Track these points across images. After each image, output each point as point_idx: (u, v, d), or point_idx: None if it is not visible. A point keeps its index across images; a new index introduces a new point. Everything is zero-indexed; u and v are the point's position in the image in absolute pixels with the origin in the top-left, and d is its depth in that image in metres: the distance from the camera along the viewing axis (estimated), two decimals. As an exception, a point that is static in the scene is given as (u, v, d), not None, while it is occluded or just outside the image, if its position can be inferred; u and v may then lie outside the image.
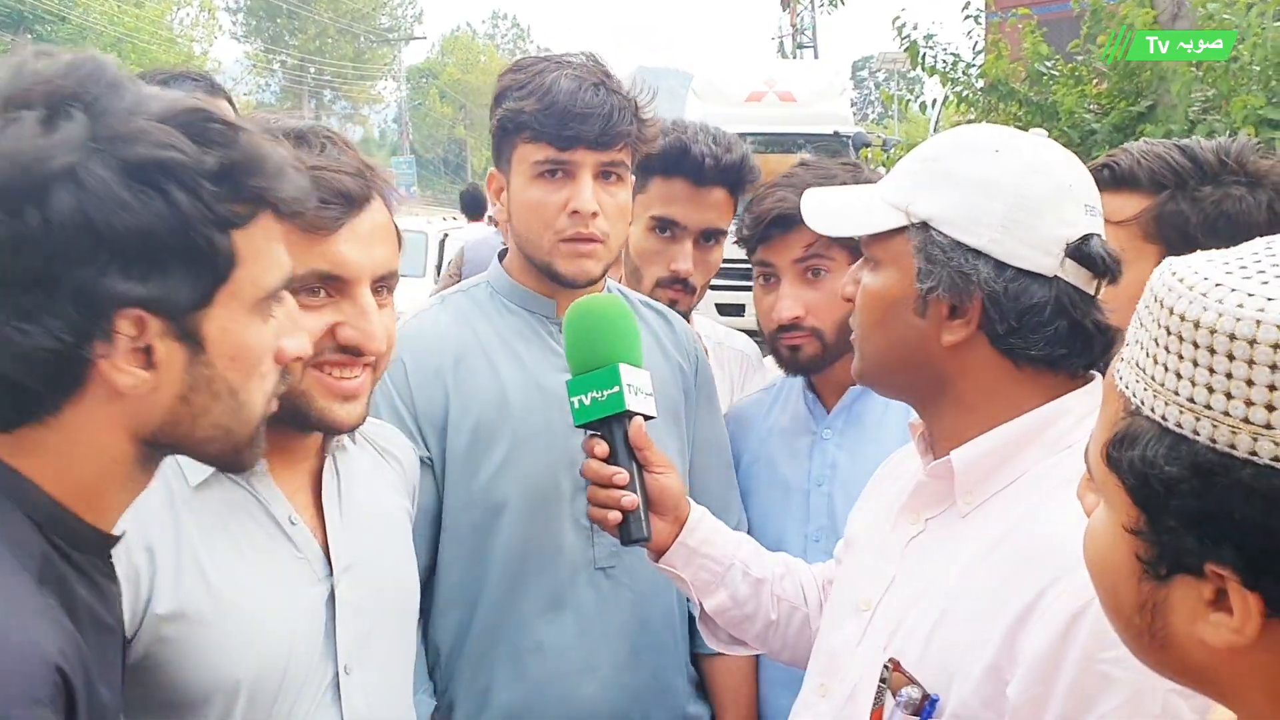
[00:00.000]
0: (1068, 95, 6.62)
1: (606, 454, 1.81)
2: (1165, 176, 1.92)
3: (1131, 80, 6.62)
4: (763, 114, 11.11)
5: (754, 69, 12.79)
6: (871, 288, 1.55)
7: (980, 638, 1.37)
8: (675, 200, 2.50)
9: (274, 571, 1.56)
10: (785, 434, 2.35)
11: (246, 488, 1.56)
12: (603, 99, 2.02)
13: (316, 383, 1.55)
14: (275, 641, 1.52)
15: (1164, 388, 0.83)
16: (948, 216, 1.46)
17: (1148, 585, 0.87)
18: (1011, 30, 7.50)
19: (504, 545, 2.06)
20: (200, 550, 1.50)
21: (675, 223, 2.51)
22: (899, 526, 1.59)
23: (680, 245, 2.53)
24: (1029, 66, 7.11)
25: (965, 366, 1.49)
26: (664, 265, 2.53)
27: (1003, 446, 1.47)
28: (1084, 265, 1.44)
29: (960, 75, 7.50)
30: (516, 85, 2.06)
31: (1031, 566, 1.35)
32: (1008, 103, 7.11)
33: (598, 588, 2.11)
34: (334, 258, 1.52)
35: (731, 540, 1.89)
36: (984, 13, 8.15)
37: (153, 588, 1.46)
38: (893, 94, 9.31)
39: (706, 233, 2.55)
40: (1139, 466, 0.84)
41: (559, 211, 2.04)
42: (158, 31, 35.85)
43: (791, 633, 1.88)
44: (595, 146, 2.03)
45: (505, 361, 2.11)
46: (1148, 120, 6.36)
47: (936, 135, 1.62)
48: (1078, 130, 6.50)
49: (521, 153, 2.06)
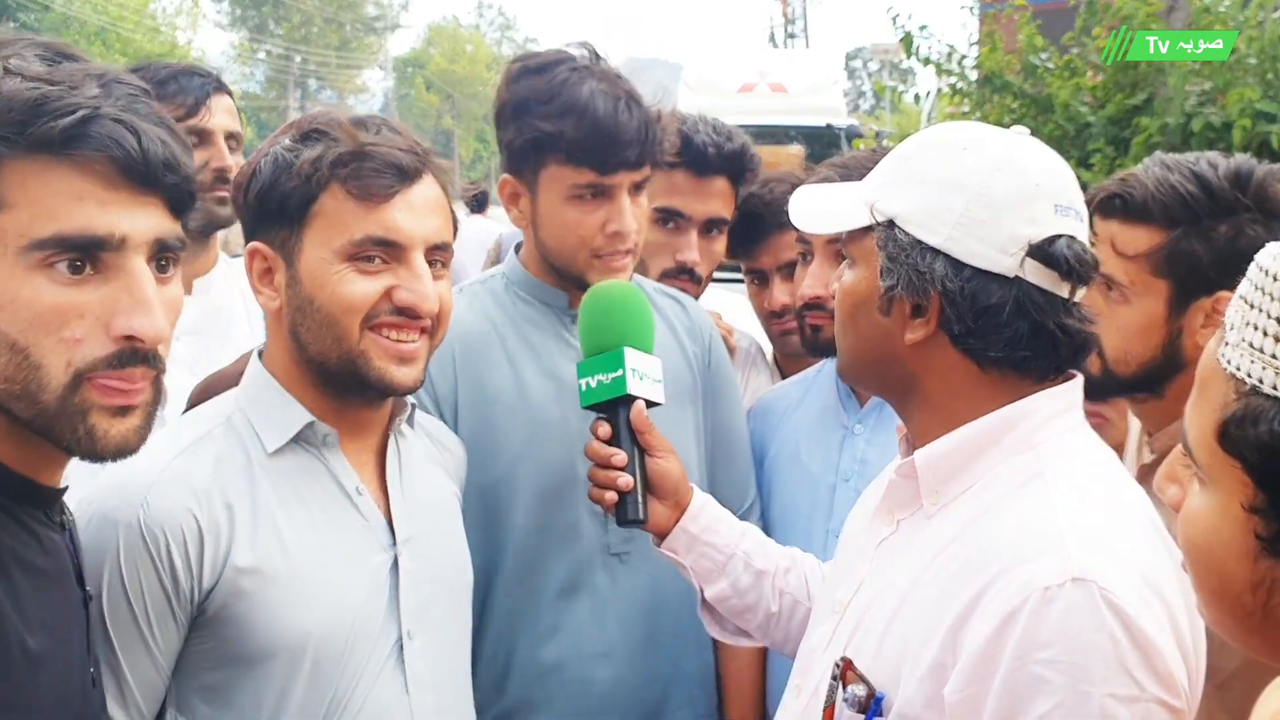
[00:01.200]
0: (1063, 88, 6.58)
1: (609, 435, 1.87)
2: (1178, 212, 1.88)
3: (1128, 73, 6.58)
4: (755, 105, 11.06)
5: (746, 60, 12.74)
6: (845, 285, 1.57)
7: (926, 636, 1.37)
8: (679, 191, 2.51)
9: (342, 537, 1.67)
10: (814, 426, 2.35)
11: (318, 457, 1.68)
12: (637, 119, 2.03)
13: (374, 344, 1.63)
14: (343, 603, 1.63)
15: None
16: (910, 214, 1.46)
17: (1265, 563, 0.89)
18: (1007, 22, 7.46)
19: (521, 530, 2.09)
20: (276, 511, 1.62)
21: (680, 213, 2.53)
22: (874, 527, 1.60)
23: (685, 236, 2.55)
24: (1024, 59, 7.07)
25: (930, 366, 1.49)
26: (669, 256, 2.55)
27: (964, 446, 1.46)
28: (1048, 266, 1.41)
29: (954, 67, 7.46)
30: (541, 98, 2.03)
31: (977, 565, 1.36)
32: (1002, 95, 7.06)
33: (612, 572, 2.14)
34: (388, 224, 1.62)
35: (735, 530, 1.91)
36: (979, 4, 8.10)
37: (232, 540, 1.57)
38: (885, 85, 9.24)
39: (710, 222, 2.57)
40: (1267, 443, 0.86)
41: (597, 231, 2.05)
42: (141, 20, 35.62)
43: (794, 626, 1.89)
44: (632, 169, 2.05)
45: (521, 351, 2.14)
46: (1144, 113, 6.33)
47: (914, 134, 1.62)
48: (1073, 123, 6.47)
49: (555, 173, 2.05)
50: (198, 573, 1.55)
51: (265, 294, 1.68)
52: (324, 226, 1.61)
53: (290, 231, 1.63)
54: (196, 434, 1.65)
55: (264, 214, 1.65)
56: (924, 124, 10.40)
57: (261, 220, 1.66)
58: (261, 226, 1.67)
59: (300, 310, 1.64)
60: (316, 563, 1.62)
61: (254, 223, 1.68)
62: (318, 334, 1.63)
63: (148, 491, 1.55)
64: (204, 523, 1.56)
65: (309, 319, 1.63)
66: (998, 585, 1.31)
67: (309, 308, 1.63)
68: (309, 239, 1.62)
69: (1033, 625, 1.27)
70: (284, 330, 1.68)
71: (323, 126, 1.65)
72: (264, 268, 1.67)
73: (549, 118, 2.01)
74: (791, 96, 11.40)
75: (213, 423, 1.67)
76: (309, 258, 1.62)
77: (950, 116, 8.18)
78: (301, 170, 1.61)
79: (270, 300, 1.67)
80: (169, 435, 1.65)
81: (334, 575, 1.63)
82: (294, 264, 1.63)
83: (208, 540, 1.56)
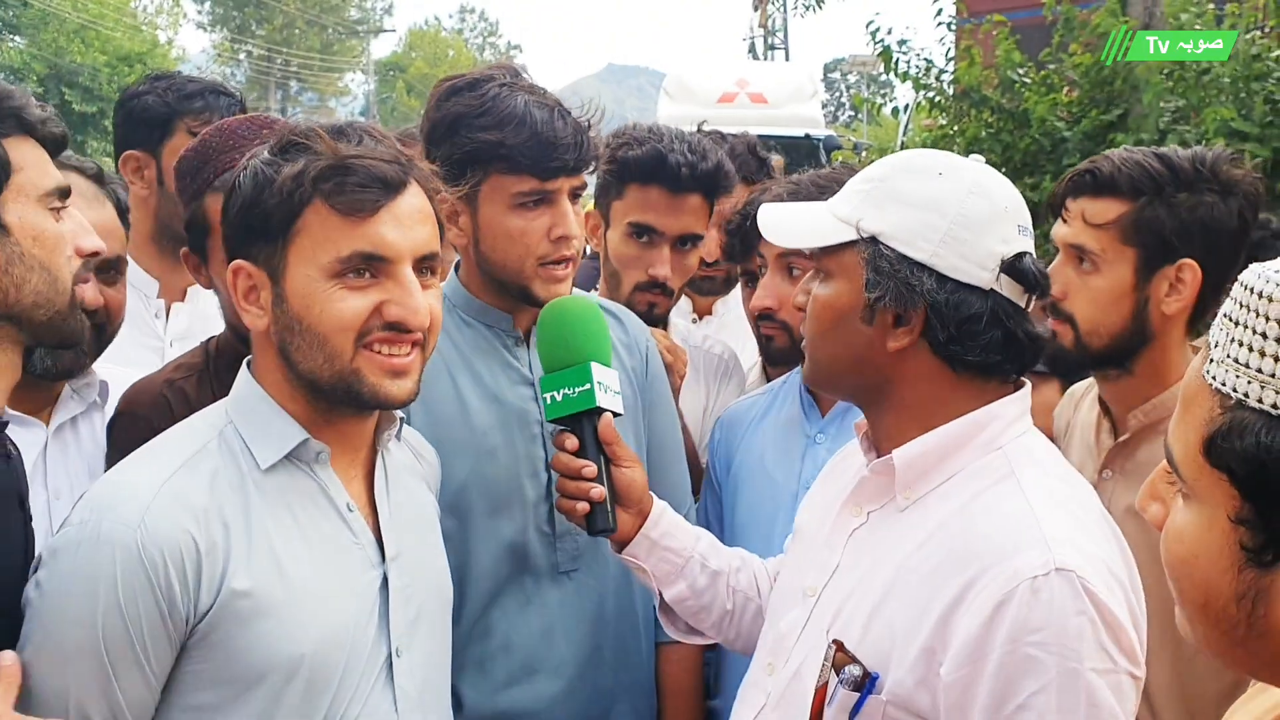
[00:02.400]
0: (1039, 103, 6.63)
1: (576, 448, 1.90)
2: (1144, 183, 2.05)
3: (1103, 89, 6.65)
4: (734, 115, 11.06)
5: (726, 70, 12.76)
6: (822, 297, 1.67)
7: (915, 622, 1.50)
8: (652, 207, 2.55)
9: (335, 555, 1.64)
10: (779, 436, 2.42)
11: (310, 473, 1.66)
12: (571, 125, 2.08)
13: (367, 361, 1.61)
14: (338, 622, 1.60)
15: (1274, 378, 0.88)
16: (895, 232, 1.58)
17: (1250, 574, 0.92)
18: (985, 37, 7.51)
19: (472, 554, 2.11)
20: (271, 531, 1.59)
21: (653, 229, 2.57)
22: (842, 518, 1.71)
23: (658, 250, 2.58)
24: (1001, 73, 7.12)
25: (907, 371, 1.62)
26: (642, 270, 2.58)
27: (940, 446, 1.60)
28: (1017, 280, 1.58)
29: (932, 81, 7.50)
30: (475, 112, 2.06)
31: (964, 557, 1.49)
32: (979, 109, 7.11)
33: (561, 590, 2.17)
34: (374, 238, 1.59)
35: (691, 534, 2.00)
36: (956, 19, 8.15)
37: (228, 561, 1.54)
38: (864, 98, 9.28)
39: (683, 238, 2.60)
40: (1253, 454, 0.88)
41: (542, 238, 2.07)
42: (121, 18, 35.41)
43: (745, 623, 1.98)
44: (571, 174, 2.08)
45: (464, 376, 2.14)
46: (1119, 129, 6.39)
47: (884, 158, 1.73)
48: (1049, 138, 6.52)
49: (496, 184, 2.07)
50: (195, 595, 1.51)
51: (251, 312, 1.64)
52: (309, 244, 1.58)
53: (274, 249, 1.60)
54: (193, 448, 1.61)
55: (247, 231, 1.62)
56: (901, 136, 10.46)
57: (244, 237, 1.63)
58: (244, 243, 1.63)
59: (289, 329, 1.61)
60: (311, 584, 1.59)
61: (236, 240, 1.65)
62: (308, 353, 1.60)
63: (145, 512, 1.50)
64: (202, 544, 1.52)
65: (298, 338, 1.60)
66: (987, 576, 1.45)
67: (298, 327, 1.60)
68: (294, 256, 1.59)
69: (1023, 612, 1.42)
70: (273, 347, 1.64)
71: (302, 139, 1.62)
72: (249, 285, 1.63)
73: (485, 129, 2.04)
74: (771, 107, 11.44)
75: (207, 436, 1.63)
76: (295, 276, 1.59)
77: (927, 130, 8.23)
78: (283, 186, 1.58)
79: (257, 319, 1.64)
80: (162, 448, 1.62)
81: (328, 596, 1.61)
82: (279, 282, 1.60)
83: (205, 562, 1.52)
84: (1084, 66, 6.71)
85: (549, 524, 2.13)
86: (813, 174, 2.36)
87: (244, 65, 52.52)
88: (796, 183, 2.32)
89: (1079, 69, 6.76)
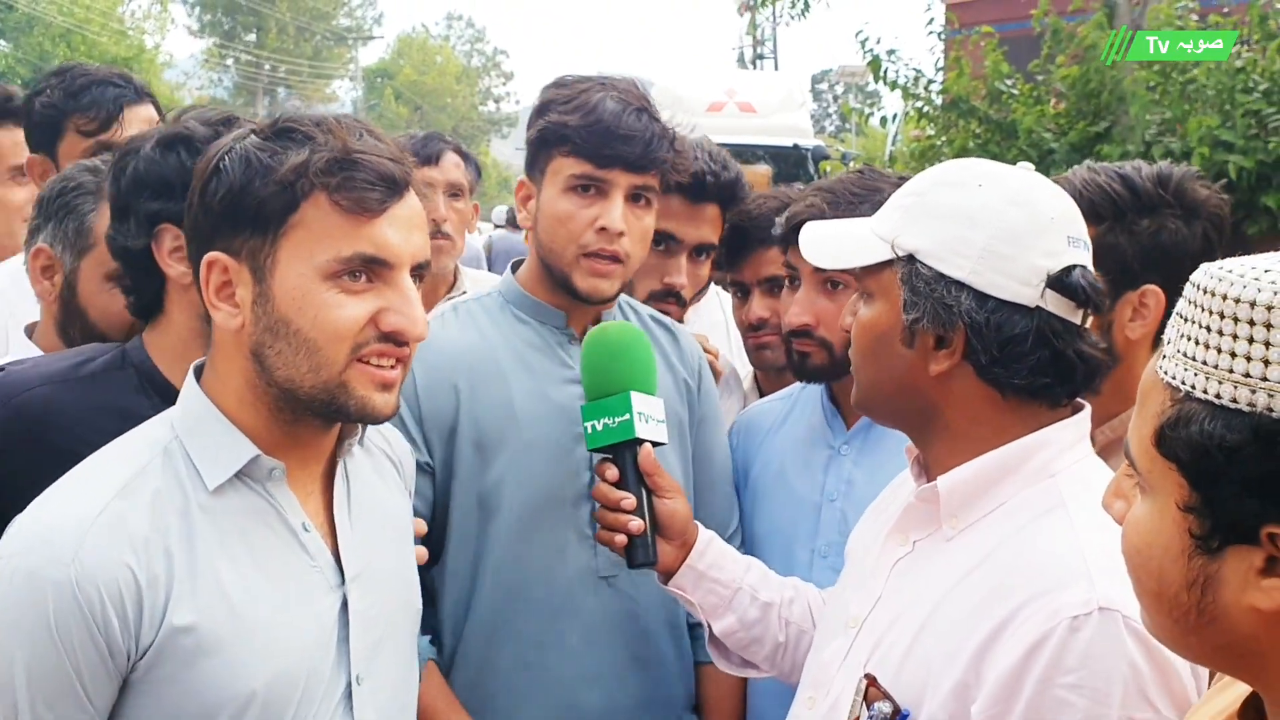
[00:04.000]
0: (1027, 114, 6.66)
1: (617, 478, 1.88)
2: (1104, 208, 1.98)
3: (1090, 101, 6.69)
4: (723, 124, 11.07)
5: (714, 79, 12.77)
6: (864, 319, 1.59)
7: (951, 657, 1.43)
8: (673, 215, 2.54)
9: (290, 582, 1.51)
10: (800, 445, 2.35)
11: (262, 493, 1.52)
12: (645, 124, 2.09)
13: (359, 374, 1.48)
14: (292, 654, 1.48)
15: (1217, 369, 0.92)
16: (931, 249, 1.50)
17: (1198, 560, 0.95)
18: (973, 48, 7.54)
19: (504, 551, 2.09)
20: (218, 559, 1.45)
21: (672, 237, 2.56)
22: (888, 547, 1.64)
23: (675, 259, 2.58)
24: (989, 84, 7.15)
25: (952, 396, 1.53)
26: (658, 278, 2.57)
27: (986, 473, 1.52)
28: (1066, 296, 1.48)
29: (921, 91, 7.53)
30: (561, 100, 2.11)
31: (1002, 591, 1.41)
32: (967, 120, 7.14)
33: (600, 597, 2.13)
34: (378, 240, 1.47)
35: (740, 564, 1.94)
36: (946, 29, 8.19)
37: (169, 594, 1.41)
38: (852, 107, 9.29)
39: (700, 247, 2.61)
40: (1198, 441, 0.92)
41: (587, 227, 2.08)
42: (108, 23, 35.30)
43: (800, 655, 1.90)
44: (631, 169, 2.08)
45: (515, 371, 2.14)
46: (1105, 140, 6.42)
47: (927, 169, 1.64)
48: (1036, 149, 6.55)
49: (558, 165, 2.11)
50: (135, 631, 1.39)
51: (224, 310, 1.48)
52: (305, 239, 1.44)
53: (262, 241, 1.45)
54: (132, 469, 1.45)
55: (230, 220, 1.46)
56: (889, 146, 10.48)
57: (224, 227, 1.47)
58: (223, 234, 1.47)
59: (271, 332, 1.46)
60: (262, 615, 1.46)
61: (212, 229, 1.48)
62: (291, 359, 1.46)
63: (80, 546, 1.37)
64: (142, 577, 1.38)
65: (282, 342, 1.46)
66: (1025, 612, 1.38)
67: (283, 330, 1.45)
68: (286, 253, 1.44)
69: (1059, 652, 1.34)
70: (243, 351, 1.49)
71: (303, 127, 1.48)
72: (223, 280, 1.48)
73: (562, 114, 2.09)
74: (759, 116, 11.44)
75: (149, 454, 1.48)
76: (286, 274, 1.44)
77: (915, 140, 8.25)
78: (284, 176, 1.43)
79: (230, 318, 1.48)
80: (98, 470, 1.47)
81: (282, 625, 1.48)
82: (265, 279, 1.45)
83: (146, 596, 1.38)
84: (1071, 78, 6.75)
85: (590, 526, 2.08)
86: (848, 181, 2.27)
87: (232, 71, 52.42)
88: (832, 191, 2.22)
89: (1066, 80, 6.80)
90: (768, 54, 32.87)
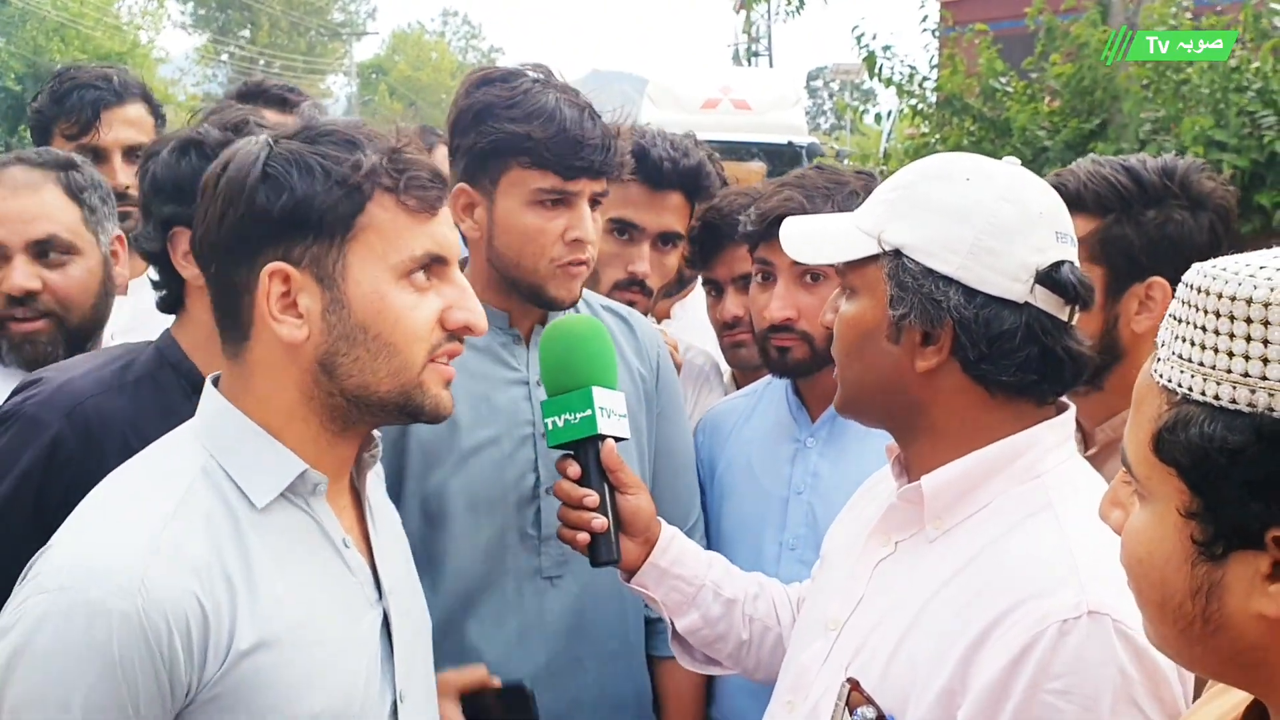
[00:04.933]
0: (1021, 112, 6.68)
1: (579, 475, 1.84)
2: (1110, 200, 1.98)
3: (1084, 99, 6.70)
4: (717, 121, 11.08)
5: (709, 76, 12.77)
6: (847, 315, 1.56)
7: (936, 662, 1.39)
8: (632, 203, 2.52)
9: (339, 597, 1.46)
10: (766, 440, 2.34)
11: (305, 509, 1.45)
12: (600, 129, 2.04)
13: (432, 373, 1.47)
14: (349, 671, 1.44)
15: (1215, 369, 0.89)
16: (918, 244, 1.47)
17: (1202, 568, 0.92)
18: (968, 45, 7.56)
19: (450, 556, 2.06)
20: (274, 579, 1.38)
21: (633, 225, 2.54)
22: (869, 548, 1.60)
23: (638, 248, 2.56)
24: (983, 82, 7.16)
25: (939, 393, 1.50)
26: (621, 267, 2.55)
27: (971, 473, 1.49)
28: (1055, 292, 1.46)
29: (915, 89, 7.54)
30: (504, 103, 2.03)
31: (990, 595, 1.38)
32: (961, 118, 7.16)
33: (542, 596, 2.11)
34: (439, 238, 1.46)
35: (703, 561, 1.91)
36: (940, 27, 8.20)
37: (234, 620, 1.33)
38: (847, 105, 9.29)
39: (664, 235, 2.58)
40: (1198, 444, 0.89)
41: (557, 239, 2.04)
42: (103, 18, 35.20)
43: (765, 652, 1.90)
44: (595, 177, 2.04)
45: (457, 375, 2.08)
46: (1100, 138, 6.44)
47: (911, 163, 1.63)
48: (1030, 147, 6.57)
49: (517, 177, 2.03)
50: (200, 662, 1.31)
51: (289, 323, 1.39)
52: (376, 242, 1.40)
53: (328, 247, 1.38)
54: (180, 489, 1.37)
55: (292, 227, 1.38)
56: (884, 144, 10.49)
57: (283, 235, 1.38)
58: (279, 242, 1.38)
59: (348, 339, 1.40)
60: (318, 635, 1.40)
61: (266, 238, 1.39)
62: (369, 365, 1.41)
63: (145, 573, 1.28)
64: (207, 605, 1.30)
65: (360, 349, 1.40)
66: (1013, 616, 1.35)
67: (361, 336, 1.40)
68: (356, 255, 1.39)
69: (1047, 657, 1.31)
70: (301, 363, 1.41)
71: (344, 130, 1.44)
72: (283, 291, 1.39)
73: (514, 121, 2.00)
74: (754, 114, 11.44)
75: (189, 475, 1.39)
76: (361, 279, 1.39)
77: (909, 138, 8.27)
78: (348, 178, 1.38)
79: (296, 329, 1.39)
80: (143, 491, 1.39)
81: (335, 646, 1.42)
82: (336, 286, 1.39)
83: (211, 625, 1.31)
84: (1065, 76, 6.77)
85: (534, 526, 2.08)
86: (811, 175, 2.27)
87: (226, 67, 52.30)
88: (802, 185, 2.20)
89: (1060, 78, 6.82)
90: (762, 51, 32.85)
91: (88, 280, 2.21)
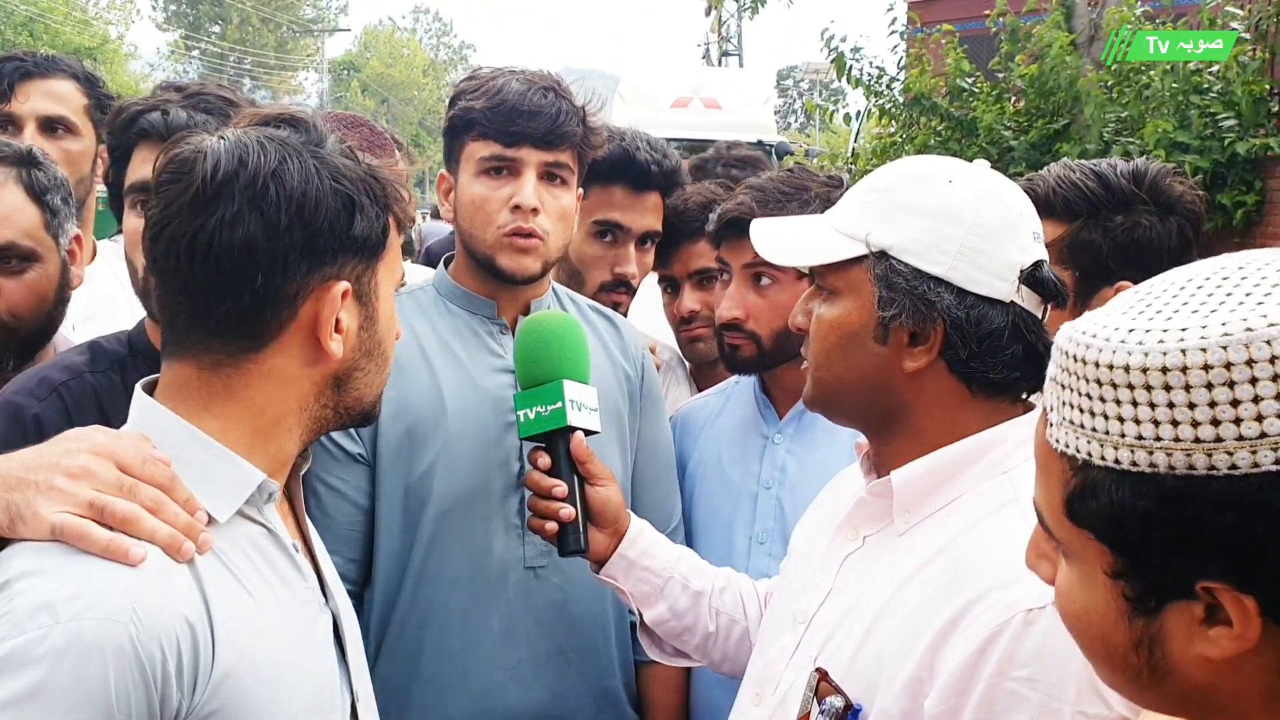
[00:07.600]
0: (987, 112, 6.75)
1: (549, 466, 1.87)
2: (1079, 205, 1.99)
3: (1048, 100, 6.78)
4: (687, 120, 11.15)
5: (680, 75, 12.84)
6: (829, 317, 1.56)
7: (904, 651, 1.41)
8: (616, 205, 2.56)
9: (296, 606, 1.41)
10: (735, 435, 2.38)
11: (258, 518, 1.39)
12: (551, 101, 2.08)
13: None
14: (318, 675, 1.42)
15: (1109, 435, 0.88)
16: (907, 245, 1.48)
17: (1139, 622, 0.91)
18: (935, 46, 7.63)
19: (432, 542, 2.07)
20: (240, 595, 1.33)
21: (619, 226, 2.58)
22: (837, 542, 1.61)
23: (624, 249, 2.60)
24: (950, 82, 7.24)
25: (923, 392, 1.52)
26: (607, 269, 2.59)
27: (941, 468, 1.51)
28: (1036, 290, 1.49)
29: (883, 89, 7.61)
30: (470, 90, 2.12)
31: (957, 585, 1.39)
32: (929, 117, 7.23)
33: (525, 587, 2.11)
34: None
35: (671, 553, 1.94)
36: (907, 28, 8.28)
37: (214, 642, 1.26)
38: (816, 104, 9.36)
39: (645, 235, 2.62)
40: (1109, 512, 0.88)
41: (502, 207, 2.08)
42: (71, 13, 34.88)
43: (731, 645, 1.92)
44: (540, 145, 2.07)
45: (442, 362, 2.13)
46: (1064, 139, 6.52)
47: (885, 166, 1.64)
48: (996, 146, 6.64)
49: (469, 150, 2.11)
50: (189, 686, 1.23)
51: (336, 340, 1.37)
52: (391, 260, 1.44)
53: (368, 265, 1.38)
54: None
55: (357, 247, 1.36)
56: (852, 143, 10.56)
57: (346, 253, 1.36)
58: (338, 260, 1.35)
59: (367, 354, 1.41)
60: (286, 645, 1.36)
61: (331, 255, 1.35)
62: (374, 378, 1.44)
63: (135, 599, 1.19)
64: (198, 626, 1.24)
65: (372, 363, 1.42)
66: (979, 606, 1.35)
67: (376, 351, 1.42)
68: (382, 274, 1.41)
69: (1013, 645, 1.32)
70: (315, 378, 1.38)
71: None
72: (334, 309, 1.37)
73: (469, 101, 2.10)
74: (724, 112, 11.50)
75: None
76: (384, 295, 1.42)
77: (878, 137, 8.34)
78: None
79: (338, 345, 1.37)
80: None
81: (304, 653, 1.39)
82: (370, 303, 1.40)
83: (201, 647, 1.24)
84: (1029, 77, 6.85)
85: (519, 516, 2.08)
86: (775, 179, 2.29)
87: (197, 63, 51.93)
88: (761, 189, 2.23)
89: (1025, 79, 6.90)
90: (733, 51, 32.92)
91: (45, 288, 2.13)
